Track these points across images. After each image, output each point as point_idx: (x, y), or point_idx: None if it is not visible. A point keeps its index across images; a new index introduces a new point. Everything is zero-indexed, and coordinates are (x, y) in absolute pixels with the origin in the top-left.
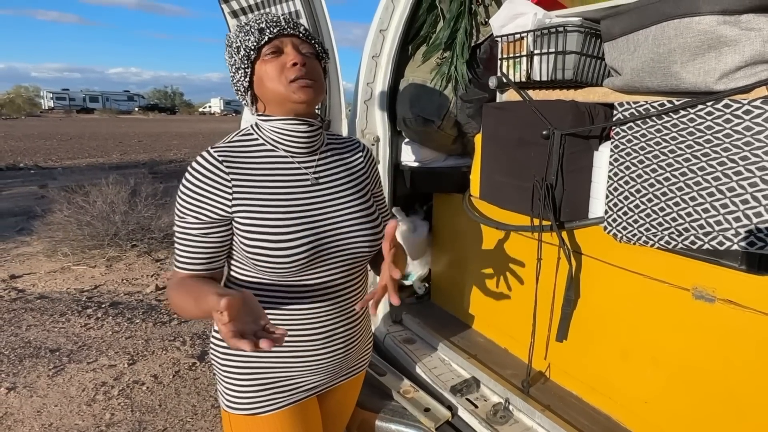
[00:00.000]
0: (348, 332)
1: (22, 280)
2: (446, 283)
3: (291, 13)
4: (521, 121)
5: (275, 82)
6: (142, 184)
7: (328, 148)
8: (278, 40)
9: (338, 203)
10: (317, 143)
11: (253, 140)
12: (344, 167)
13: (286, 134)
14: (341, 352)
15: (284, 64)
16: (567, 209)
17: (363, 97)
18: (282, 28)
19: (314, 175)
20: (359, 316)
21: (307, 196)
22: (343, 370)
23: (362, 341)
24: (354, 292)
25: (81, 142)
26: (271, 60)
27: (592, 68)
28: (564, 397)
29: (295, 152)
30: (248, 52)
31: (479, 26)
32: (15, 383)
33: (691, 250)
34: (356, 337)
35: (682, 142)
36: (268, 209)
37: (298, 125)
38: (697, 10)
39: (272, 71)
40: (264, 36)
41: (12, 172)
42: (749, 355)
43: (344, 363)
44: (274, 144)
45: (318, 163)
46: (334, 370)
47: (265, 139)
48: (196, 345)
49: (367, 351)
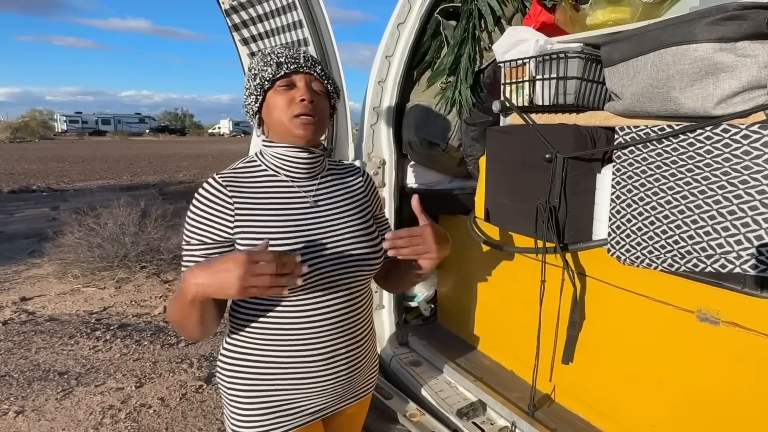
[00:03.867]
0: (351, 354)
1: (32, 303)
2: (452, 305)
3: (300, 40)
4: (524, 145)
5: (282, 113)
6: (152, 206)
7: (328, 173)
8: (293, 75)
9: (337, 224)
10: (317, 169)
11: (256, 166)
12: (344, 190)
13: (287, 160)
14: (345, 375)
15: (293, 98)
16: (570, 231)
17: (369, 121)
18: (299, 65)
19: (314, 198)
20: (363, 338)
21: (306, 218)
22: (348, 393)
23: (367, 363)
24: (356, 313)
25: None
26: (283, 92)
27: (594, 93)
28: (571, 421)
29: (296, 177)
30: (263, 81)
31: (483, 52)
32: (23, 407)
33: (694, 273)
34: (360, 359)
35: (682, 166)
36: (267, 230)
37: (299, 152)
38: (694, 38)
39: (281, 103)
40: (281, 70)
41: (25, 195)
42: (754, 377)
43: (348, 386)
44: (276, 169)
45: (318, 186)
46: (338, 393)
47: (268, 165)
48: (203, 367)
49: (373, 374)
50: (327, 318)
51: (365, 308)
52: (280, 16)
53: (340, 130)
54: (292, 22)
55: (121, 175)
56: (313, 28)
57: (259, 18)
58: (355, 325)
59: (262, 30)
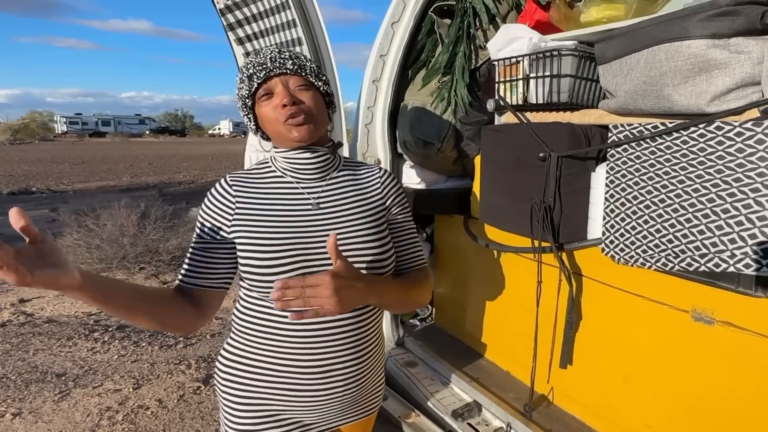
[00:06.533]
0: (350, 369)
1: (30, 304)
2: (449, 305)
3: (294, 39)
4: (519, 144)
5: (273, 123)
6: (151, 207)
7: (341, 173)
8: (268, 83)
9: (340, 227)
10: (326, 168)
11: (267, 168)
12: (355, 192)
13: (292, 162)
14: (341, 390)
15: (276, 106)
16: (565, 231)
17: (364, 120)
18: (268, 70)
19: (317, 200)
20: (367, 353)
21: (306, 221)
22: (346, 411)
23: (369, 381)
24: (360, 325)
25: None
26: (266, 103)
27: (588, 91)
28: (567, 422)
29: (302, 178)
30: (244, 101)
31: (477, 50)
32: (20, 408)
33: (688, 272)
34: (361, 375)
35: (676, 164)
36: (261, 229)
37: (302, 153)
38: (687, 35)
39: (268, 113)
40: (253, 83)
41: (24, 196)
42: (749, 377)
43: (346, 403)
44: (284, 171)
45: (325, 188)
46: (334, 410)
47: (277, 168)
48: (201, 368)
49: (377, 392)
50: (324, 328)
51: (372, 320)
52: (274, 15)
53: (335, 129)
54: (285, 22)
55: (121, 176)
56: (306, 27)
57: (253, 17)
58: (358, 338)
59: (256, 29)
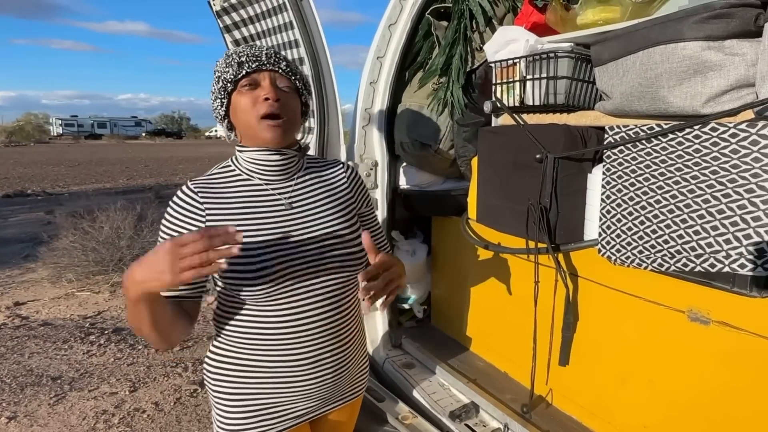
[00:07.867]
0: (337, 356)
1: (26, 307)
2: (446, 306)
3: (291, 41)
4: (515, 145)
5: (248, 114)
6: (148, 209)
7: (306, 172)
8: (256, 74)
9: (316, 225)
10: (292, 169)
11: (230, 171)
12: (324, 188)
13: (259, 164)
14: (330, 377)
15: (258, 97)
16: (562, 232)
17: (361, 122)
18: (261, 63)
19: (288, 200)
20: (349, 340)
21: (281, 221)
22: (335, 396)
23: (354, 366)
24: (340, 314)
25: (88, 168)
26: (247, 93)
27: (584, 92)
28: (564, 423)
29: (270, 180)
30: (225, 84)
31: (474, 52)
32: (16, 412)
33: (684, 273)
34: (346, 361)
35: (671, 165)
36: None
37: (271, 155)
38: (682, 37)
39: (246, 104)
40: (242, 70)
41: (20, 199)
42: (745, 377)
43: (335, 388)
44: (250, 174)
45: (294, 187)
46: (324, 396)
47: (242, 170)
48: (197, 371)
49: (361, 376)
50: (308, 320)
51: (351, 309)
52: (271, 17)
53: (332, 132)
54: (282, 23)
55: (117, 178)
56: (303, 29)
57: (250, 19)
58: (340, 326)
59: (253, 31)
